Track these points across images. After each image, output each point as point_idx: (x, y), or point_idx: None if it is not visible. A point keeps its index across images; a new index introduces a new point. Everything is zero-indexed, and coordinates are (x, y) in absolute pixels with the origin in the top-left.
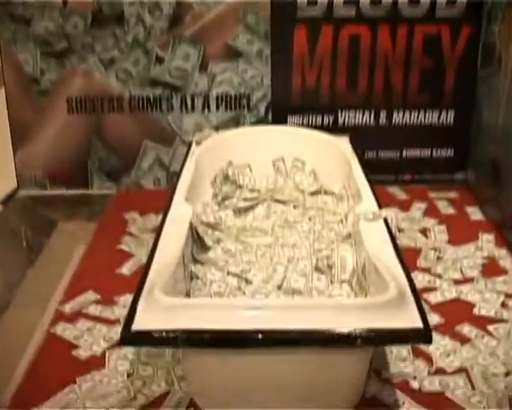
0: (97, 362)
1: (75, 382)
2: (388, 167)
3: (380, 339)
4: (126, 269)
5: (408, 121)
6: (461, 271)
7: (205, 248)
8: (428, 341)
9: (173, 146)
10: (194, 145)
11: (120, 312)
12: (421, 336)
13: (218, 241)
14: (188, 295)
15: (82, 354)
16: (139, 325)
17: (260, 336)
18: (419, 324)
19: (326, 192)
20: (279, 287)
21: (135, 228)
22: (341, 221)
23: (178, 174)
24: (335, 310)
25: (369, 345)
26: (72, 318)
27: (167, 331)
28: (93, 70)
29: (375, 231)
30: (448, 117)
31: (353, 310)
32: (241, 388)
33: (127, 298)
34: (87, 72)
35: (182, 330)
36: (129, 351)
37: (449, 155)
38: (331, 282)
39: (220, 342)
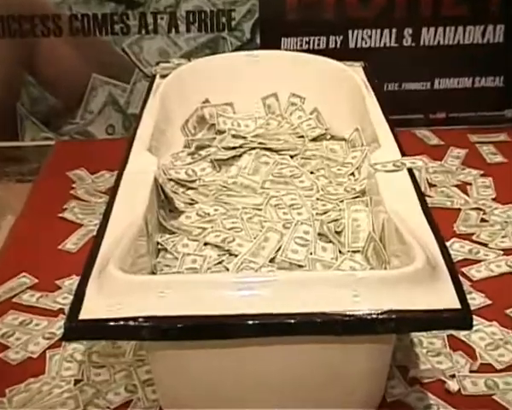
0: (34, 367)
1: (3, 394)
2: (415, 104)
3: (404, 324)
4: (71, 244)
5: (441, 41)
6: None
7: (175, 212)
8: (468, 326)
9: (131, 81)
10: (158, 79)
11: (65, 300)
12: (459, 319)
13: (192, 203)
14: (153, 273)
15: (13, 357)
16: (89, 312)
17: (251, 322)
18: (455, 304)
19: (333, 137)
20: (272, 260)
21: (82, 190)
22: (353, 174)
23: (138, 117)
24: (345, 287)
25: (390, 332)
26: (0, 310)
27: (127, 320)
28: None
29: (397, 187)
30: (496, 34)
31: (369, 286)
32: (228, 391)
33: (73, 281)
34: None
35: (146, 317)
36: (77, 350)
37: (497, 85)
38: (340, 252)
39: (198, 332)
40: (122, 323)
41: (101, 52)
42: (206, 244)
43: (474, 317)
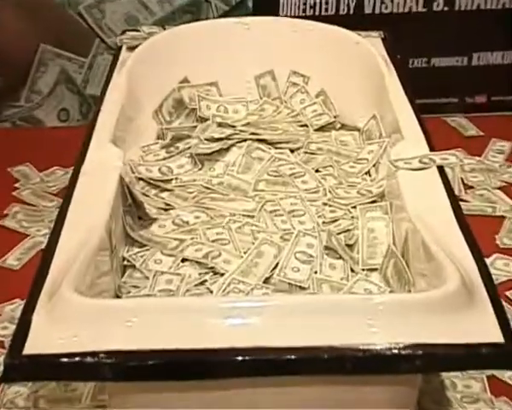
0: None
1: None
2: (448, 84)
3: (432, 362)
4: (14, 259)
5: (481, 5)
6: None
7: (145, 219)
8: None
9: (89, 54)
10: (124, 52)
11: (4, 330)
12: (501, 357)
13: (168, 208)
14: (118, 296)
15: None
16: (36, 346)
17: (240, 358)
18: (497, 336)
19: (344, 127)
20: (267, 280)
21: (27, 191)
22: (368, 173)
23: (99, 100)
24: (359, 314)
25: (415, 372)
26: None
27: (84, 355)
28: None
29: (423, 189)
30: None
31: (388, 314)
32: None
33: (16, 307)
34: None
35: (109, 351)
36: (20, 394)
37: None
38: (352, 271)
39: (174, 371)
40: (78, 359)
41: (51, 17)
42: (184, 260)
43: None
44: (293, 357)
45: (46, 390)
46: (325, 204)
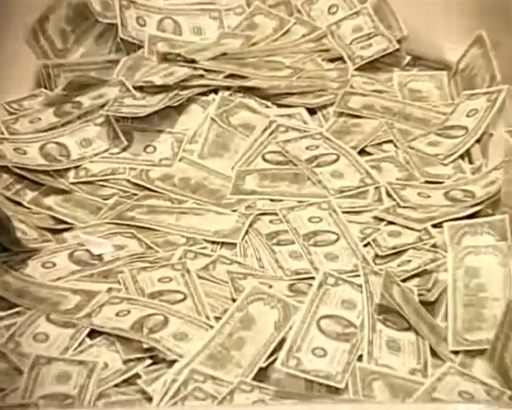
0: None
1: None
2: None
3: None
4: None
5: None
6: None
7: (15, 251)
8: None
9: None
10: None
11: None
12: None
13: (61, 228)
14: None
15: None
16: None
17: None
18: None
19: (417, 62)
20: (261, 373)
21: None
22: (466, 156)
23: None
24: None
25: None
26: None
27: None
28: None
29: None
30: None
31: None
32: None
33: None
34: None
35: None
36: None
37: None
38: (434, 354)
39: None
40: None
41: None
42: (93, 334)
43: None
44: None
45: None
46: (380, 220)
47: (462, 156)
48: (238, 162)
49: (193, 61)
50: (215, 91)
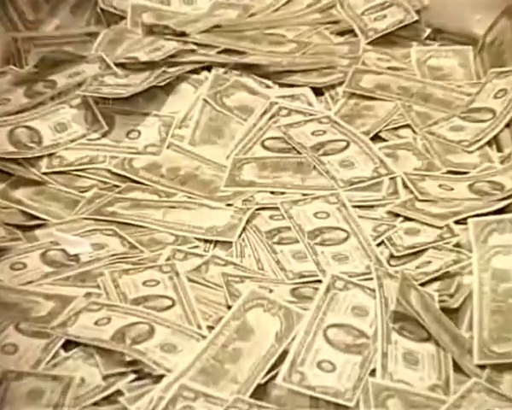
0: None
1: None
2: None
3: None
4: None
5: None
6: None
7: None
8: None
9: None
10: None
11: None
12: None
13: (31, 224)
14: None
15: None
16: None
17: None
18: None
19: (439, 35)
20: (259, 390)
21: None
22: (494, 143)
23: None
24: None
25: None
26: None
27: None
28: None
29: None
30: None
31: None
32: None
33: None
34: None
35: None
36: None
37: None
38: (457, 368)
39: None
40: None
41: None
42: (68, 345)
43: None
44: None
45: None
46: (396, 215)
47: (489, 143)
48: (234, 150)
49: (183, 35)
50: (208, 69)
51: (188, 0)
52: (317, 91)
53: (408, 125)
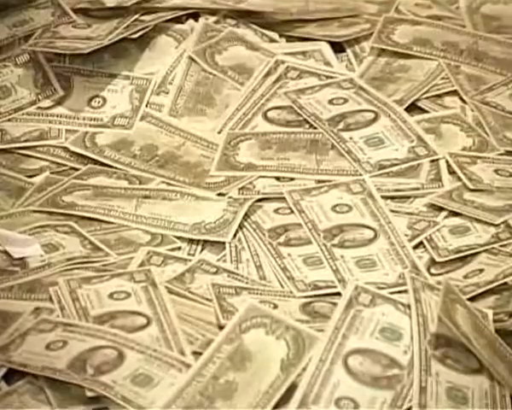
0: None
1: None
2: None
3: None
4: None
5: None
6: None
7: None
8: None
9: None
10: None
11: None
12: None
13: None
14: None
15: None
16: None
17: None
18: None
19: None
20: None
21: None
22: None
23: None
24: None
25: None
26: None
27: None
28: None
29: None
30: None
31: None
32: None
33: None
34: None
35: None
36: None
37: None
38: None
39: None
40: None
41: None
42: (10, 375)
43: None
44: None
45: None
46: (439, 209)
47: None
48: (228, 123)
49: None
50: (194, 17)
51: None
52: (337, 47)
53: (455, 92)
